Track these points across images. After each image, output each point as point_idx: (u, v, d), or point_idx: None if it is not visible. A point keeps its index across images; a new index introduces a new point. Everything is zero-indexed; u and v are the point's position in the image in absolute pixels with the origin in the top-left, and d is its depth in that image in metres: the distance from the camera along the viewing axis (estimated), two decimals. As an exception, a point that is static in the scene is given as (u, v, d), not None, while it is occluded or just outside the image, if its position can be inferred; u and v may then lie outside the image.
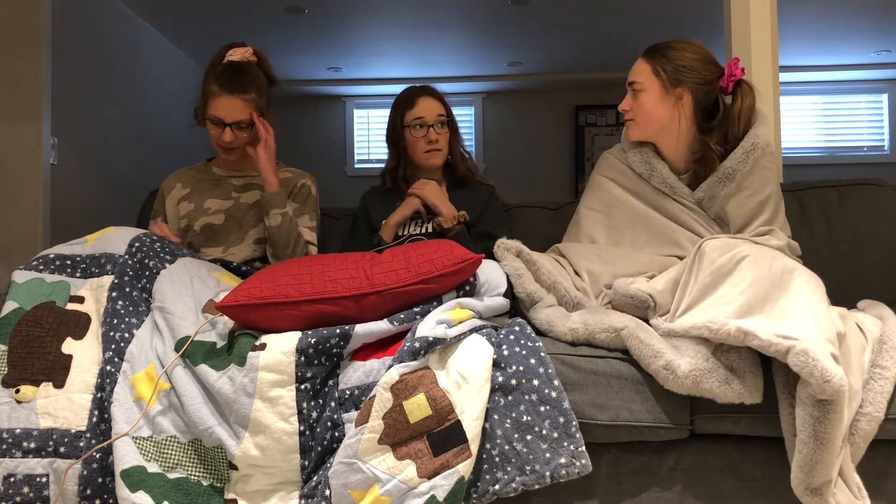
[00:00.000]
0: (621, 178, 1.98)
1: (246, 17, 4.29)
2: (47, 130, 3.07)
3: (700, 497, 1.51)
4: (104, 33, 3.84)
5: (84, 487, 1.40)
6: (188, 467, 1.43)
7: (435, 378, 1.37)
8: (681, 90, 1.87)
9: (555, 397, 1.41)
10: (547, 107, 5.87)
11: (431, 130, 2.20)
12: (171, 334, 1.53)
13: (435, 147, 2.21)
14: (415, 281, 1.50)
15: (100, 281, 1.64)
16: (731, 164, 1.84)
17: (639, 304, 1.63)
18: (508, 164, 5.83)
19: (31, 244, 2.97)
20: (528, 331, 1.54)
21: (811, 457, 1.32)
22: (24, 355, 1.50)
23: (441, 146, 2.22)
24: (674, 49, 1.89)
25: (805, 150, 5.77)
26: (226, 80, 2.03)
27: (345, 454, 1.35)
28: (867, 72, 5.48)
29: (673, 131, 1.90)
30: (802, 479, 1.34)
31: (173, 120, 4.44)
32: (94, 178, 3.66)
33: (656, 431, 1.49)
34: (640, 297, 1.62)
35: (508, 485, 1.37)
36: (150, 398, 1.45)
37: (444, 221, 2.10)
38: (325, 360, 1.45)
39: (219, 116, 2.03)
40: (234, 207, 2.14)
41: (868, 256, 2.08)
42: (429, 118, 2.20)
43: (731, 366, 1.42)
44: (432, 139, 2.20)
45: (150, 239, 1.73)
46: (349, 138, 6.05)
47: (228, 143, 2.06)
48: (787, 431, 1.41)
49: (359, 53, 5.05)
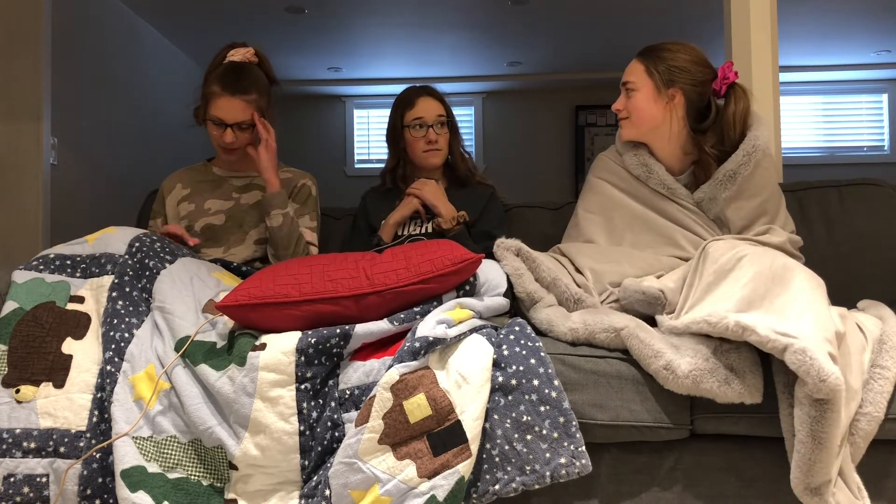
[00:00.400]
0: (617, 179, 1.99)
1: (246, 17, 4.29)
2: (47, 130, 3.07)
3: (700, 497, 1.51)
4: (104, 33, 3.84)
5: (84, 487, 1.40)
6: (188, 467, 1.43)
7: (435, 378, 1.37)
8: (673, 90, 1.89)
9: (555, 397, 1.41)
10: (547, 107, 5.87)
11: (431, 130, 2.21)
12: (172, 334, 1.53)
13: (434, 147, 2.21)
14: (415, 281, 1.50)
15: (100, 281, 1.64)
16: (733, 167, 1.84)
17: (651, 300, 1.64)
18: (508, 164, 5.83)
19: (31, 244, 2.97)
20: (528, 331, 1.54)
21: (809, 456, 1.32)
22: (24, 355, 1.50)
23: (440, 146, 2.23)
24: (667, 50, 1.91)
25: (805, 150, 5.77)
26: (227, 81, 2.03)
27: (345, 454, 1.35)
28: (867, 72, 5.48)
29: (665, 131, 1.92)
30: (801, 479, 1.34)
31: (173, 120, 4.44)
32: (94, 178, 3.66)
33: (656, 431, 1.49)
34: (652, 294, 1.63)
35: (508, 485, 1.37)
36: (150, 398, 1.45)
37: (443, 222, 2.10)
38: (326, 360, 1.45)
39: (220, 117, 2.03)
40: (235, 208, 2.14)
41: (868, 256, 2.08)
42: (428, 118, 2.21)
43: (731, 366, 1.42)
44: (431, 139, 2.20)
45: (150, 239, 1.73)
46: (349, 138, 6.05)
47: (229, 143, 2.06)
48: (787, 431, 1.41)
49: (359, 53, 5.05)
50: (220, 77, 2.04)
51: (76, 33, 3.54)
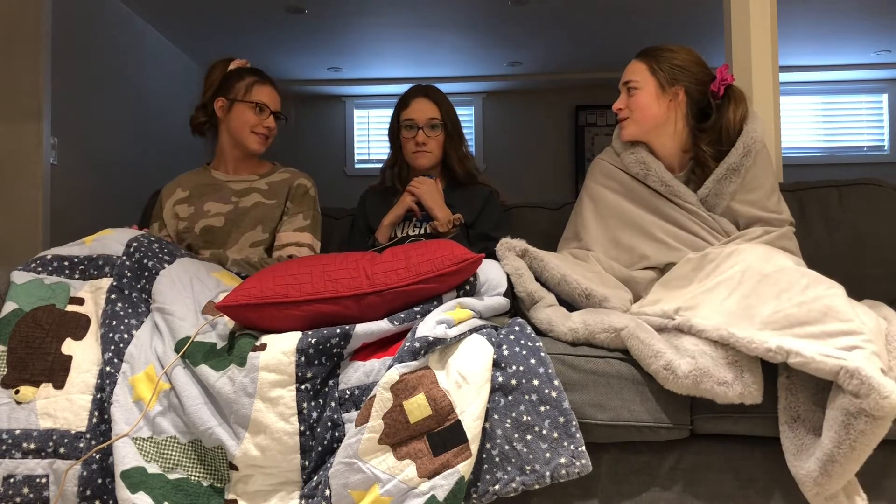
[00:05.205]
0: (614, 183, 1.99)
1: (246, 17, 4.29)
2: (47, 130, 3.07)
3: (700, 497, 1.51)
4: (104, 33, 3.84)
5: (84, 488, 1.40)
6: (188, 468, 1.43)
7: (435, 378, 1.37)
8: (676, 88, 1.91)
9: (555, 397, 1.41)
10: (547, 107, 5.87)
11: (420, 132, 2.22)
12: (171, 335, 1.53)
13: (422, 149, 2.22)
14: (415, 280, 1.50)
15: (98, 283, 1.64)
16: (735, 160, 1.87)
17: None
18: (508, 164, 5.83)
19: (31, 244, 2.97)
20: (528, 331, 1.54)
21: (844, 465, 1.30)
22: (23, 356, 1.50)
23: (430, 149, 2.23)
24: (668, 50, 1.94)
25: (805, 150, 5.77)
26: (261, 74, 2.21)
27: (345, 454, 1.35)
28: (867, 72, 5.48)
29: (668, 130, 1.93)
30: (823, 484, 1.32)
31: (173, 120, 4.44)
32: (94, 178, 3.66)
33: (656, 431, 1.49)
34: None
35: (508, 485, 1.37)
36: (150, 399, 1.45)
37: (439, 226, 2.09)
38: (326, 360, 1.45)
39: (264, 102, 2.17)
40: (234, 211, 2.14)
41: (868, 256, 2.08)
42: (419, 120, 2.22)
43: (731, 366, 1.42)
44: (420, 141, 2.22)
45: (148, 240, 1.73)
46: (349, 138, 6.05)
47: (272, 128, 2.20)
48: (784, 423, 1.41)
49: (359, 53, 5.05)
50: (252, 71, 2.22)
51: (76, 33, 3.54)
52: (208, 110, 2.21)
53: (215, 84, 2.21)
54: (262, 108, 2.16)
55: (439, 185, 2.22)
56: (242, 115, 2.16)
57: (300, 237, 2.13)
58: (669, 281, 1.77)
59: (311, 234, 2.16)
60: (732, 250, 1.66)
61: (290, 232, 2.13)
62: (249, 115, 2.16)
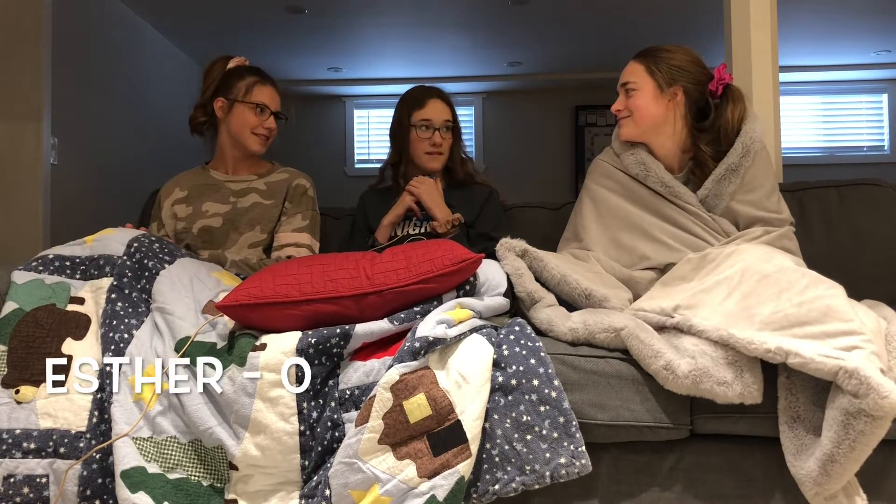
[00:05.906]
0: (614, 184, 1.99)
1: (246, 17, 4.29)
2: (47, 130, 3.06)
3: (700, 497, 1.51)
4: (104, 33, 3.84)
5: (84, 488, 1.40)
6: (188, 468, 1.43)
7: (435, 378, 1.37)
8: (675, 89, 1.91)
9: (555, 397, 1.41)
10: (547, 107, 5.87)
11: (437, 134, 2.20)
12: (172, 335, 1.53)
13: (437, 151, 2.21)
14: (415, 280, 1.50)
15: (98, 283, 1.64)
16: (734, 160, 1.87)
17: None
18: (508, 164, 5.83)
19: (31, 244, 2.96)
20: (528, 331, 1.54)
21: (844, 465, 1.30)
22: (23, 356, 1.50)
23: (443, 150, 2.23)
24: (666, 51, 1.94)
25: (805, 150, 5.77)
26: (263, 74, 2.19)
27: (345, 454, 1.35)
28: (867, 72, 5.48)
29: (667, 130, 1.93)
30: (823, 483, 1.32)
31: (173, 120, 4.43)
32: (94, 178, 3.65)
33: (656, 431, 1.49)
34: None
35: (508, 485, 1.37)
36: (150, 399, 1.45)
37: (438, 226, 2.08)
38: (326, 360, 1.45)
39: (265, 102, 2.15)
40: (232, 212, 2.14)
41: (868, 256, 2.08)
42: (436, 121, 2.21)
43: (731, 366, 1.42)
44: (436, 143, 2.20)
45: (149, 240, 1.73)
46: (349, 138, 6.05)
47: (273, 128, 2.18)
48: (784, 423, 1.41)
49: (359, 53, 5.05)
50: (252, 70, 2.20)
51: (76, 33, 3.53)
52: (208, 110, 2.20)
53: (215, 83, 2.20)
54: (263, 109, 2.15)
55: (439, 184, 2.22)
56: (243, 116, 2.15)
57: (299, 237, 2.13)
58: (669, 281, 1.77)
59: (309, 235, 2.15)
60: (732, 250, 1.66)
61: (289, 232, 2.13)
62: (250, 115, 2.14)
